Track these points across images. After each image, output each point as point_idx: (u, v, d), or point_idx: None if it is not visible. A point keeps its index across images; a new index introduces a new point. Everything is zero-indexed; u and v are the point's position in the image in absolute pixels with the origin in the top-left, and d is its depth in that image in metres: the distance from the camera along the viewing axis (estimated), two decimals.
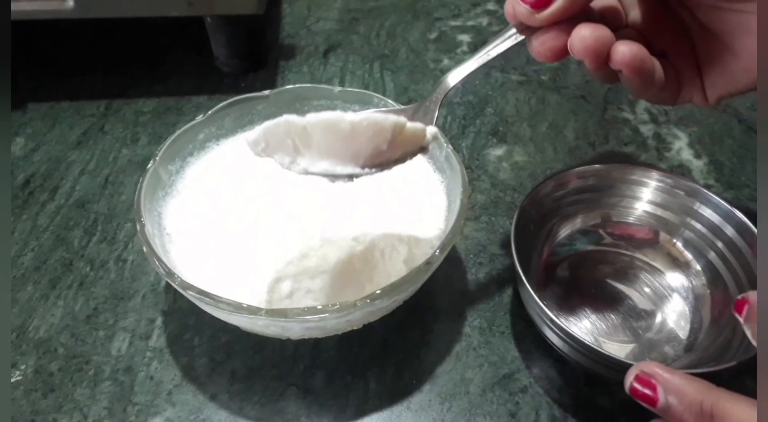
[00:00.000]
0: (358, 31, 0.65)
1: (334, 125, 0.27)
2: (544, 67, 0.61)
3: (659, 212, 0.42)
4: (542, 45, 0.30)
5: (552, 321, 0.34)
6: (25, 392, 0.36)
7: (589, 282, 0.41)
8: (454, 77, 0.33)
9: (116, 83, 0.57)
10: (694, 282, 0.40)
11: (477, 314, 0.40)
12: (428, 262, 0.34)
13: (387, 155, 0.30)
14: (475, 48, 0.63)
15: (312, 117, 0.28)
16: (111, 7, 0.51)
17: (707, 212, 0.40)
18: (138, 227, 0.35)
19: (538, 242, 0.41)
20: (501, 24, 0.66)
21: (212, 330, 0.39)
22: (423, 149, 0.31)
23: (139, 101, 0.55)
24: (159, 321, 0.40)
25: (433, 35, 0.65)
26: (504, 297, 0.41)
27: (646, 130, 0.55)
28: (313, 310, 0.31)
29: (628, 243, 0.42)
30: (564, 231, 0.43)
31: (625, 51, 0.30)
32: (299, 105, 0.44)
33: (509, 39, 0.32)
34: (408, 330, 0.39)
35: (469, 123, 0.55)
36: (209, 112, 0.42)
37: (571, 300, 0.40)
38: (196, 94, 0.56)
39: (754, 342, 0.27)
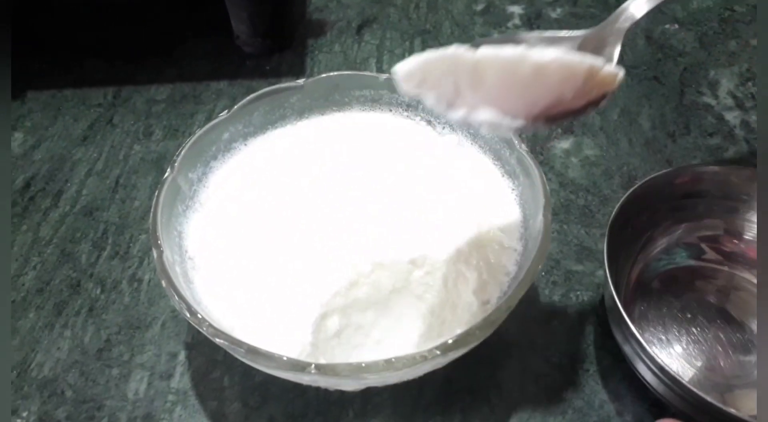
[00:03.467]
0: (395, 2, 0.57)
1: (514, 66, 0.22)
2: None
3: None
4: None
5: (652, 359, 0.28)
6: None
7: (690, 305, 0.35)
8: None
9: (125, 68, 0.50)
10: None
11: (554, 347, 0.34)
12: (506, 304, 0.28)
13: (567, 105, 0.23)
14: (528, 20, 0.55)
15: (486, 52, 0.22)
16: None
17: None
18: (155, 254, 0.29)
19: (633, 252, 0.35)
20: None
21: (244, 368, 0.33)
22: (604, 97, 0.25)
23: (151, 88, 0.49)
24: (182, 355, 0.34)
25: (479, 6, 0.57)
26: (585, 325, 0.35)
27: (732, 117, 0.47)
28: (372, 367, 0.25)
29: (739, 261, 0.36)
30: (662, 241, 0.36)
31: None
32: (339, 95, 0.38)
33: None
34: (474, 368, 0.33)
35: None
36: (234, 107, 0.35)
37: (669, 327, 0.34)
38: (216, 78, 0.50)
39: None
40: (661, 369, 0.28)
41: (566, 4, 0.57)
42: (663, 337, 0.33)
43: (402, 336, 0.31)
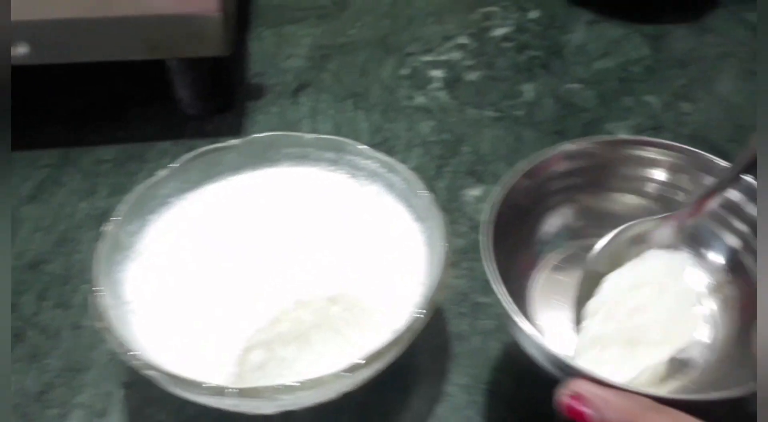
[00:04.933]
0: (329, 68, 0.63)
1: None
2: (518, 102, 0.60)
3: (666, 192, 0.37)
4: None
5: (565, 365, 0.28)
6: None
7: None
8: None
9: (74, 130, 0.54)
10: (711, 277, 0.36)
11: (461, 371, 0.38)
12: (410, 328, 0.32)
13: None
14: (448, 84, 0.62)
15: None
16: (67, 53, 0.49)
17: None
18: (93, 299, 0.32)
19: (517, 251, 0.36)
20: (474, 58, 0.65)
21: (178, 403, 0.36)
22: None
23: (99, 149, 0.53)
24: (119, 394, 0.37)
25: (405, 71, 0.63)
26: (489, 349, 0.39)
27: None
28: (288, 388, 0.28)
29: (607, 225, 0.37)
30: (548, 229, 0.38)
31: None
32: (270, 153, 0.42)
33: None
34: (388, 393, 0.37)
35: (445, 163, 0.53)
36: (171, 165, 0.39)
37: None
38: (161, 139, 0.54)
39: None
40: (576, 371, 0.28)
41: (483, 68, 0.64)
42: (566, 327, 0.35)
43: (323, 367, 0.34)
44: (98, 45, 0.49)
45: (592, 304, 0.35)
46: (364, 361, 0.30)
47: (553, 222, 0.39)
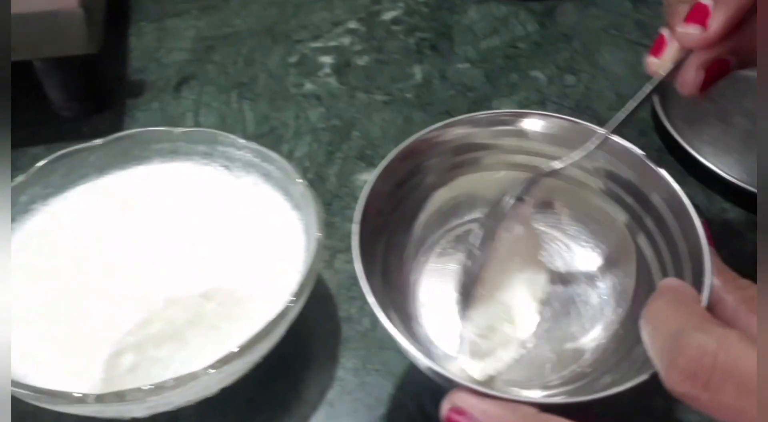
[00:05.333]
0: (214, 59, 0.61)
1: None
2: (408, 85, 0.60)
3: (536, 162, 0.36)
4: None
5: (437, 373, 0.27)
6: None
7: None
8: None
9: None
10: (602, 258, 0.35)
11: (350, 354, 0.38)
12: (282, 314, 0.32)
13: None
14: (338, 69, 0.62)
15: None
16: None
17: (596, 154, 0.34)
18: None
19: (397, 242, 0.35)
20: (363, 43, 0.65)
21: (54, 415, 0.34)
22: None
23: None
24: None
25: (293, 59, 0.63)
26: (377, 331, 0.40)
27: None
28: (154, 389, 0.28)
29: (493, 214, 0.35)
30: (429, 214, 0.37)
31: None
32: (138, 150, 0.41)
33: None
34: (276, 384, 0.37)
35: (336, 149, 0.53)
36: (30, 170, 0.37)
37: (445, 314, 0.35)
38: (33, 144, 0.51)
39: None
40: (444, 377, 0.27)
41: (372, 52, 0.64)
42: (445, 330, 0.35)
43: (201, 364, 0.34)
44: None
45: (476, 302, 0.35)
46: (234, 351, 0.29)
47: (432, 206, 0.38)
